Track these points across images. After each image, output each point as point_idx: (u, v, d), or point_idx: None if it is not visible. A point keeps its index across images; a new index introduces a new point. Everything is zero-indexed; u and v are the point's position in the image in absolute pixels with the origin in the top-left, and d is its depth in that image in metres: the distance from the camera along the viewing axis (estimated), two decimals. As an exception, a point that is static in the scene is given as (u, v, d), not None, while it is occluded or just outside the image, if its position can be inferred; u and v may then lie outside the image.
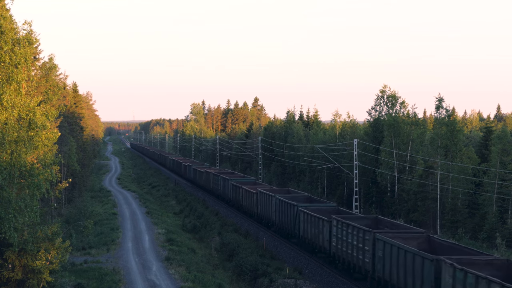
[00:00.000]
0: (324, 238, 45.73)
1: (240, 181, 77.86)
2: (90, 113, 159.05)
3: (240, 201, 72.78)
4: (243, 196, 70.91)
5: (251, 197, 67.29)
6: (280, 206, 56.60)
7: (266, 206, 61.36)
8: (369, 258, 38.47)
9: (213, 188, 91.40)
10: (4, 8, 31.03)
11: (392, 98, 76.82)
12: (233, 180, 78.76)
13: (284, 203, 55.22)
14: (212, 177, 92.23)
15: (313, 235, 48.18)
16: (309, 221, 48.88)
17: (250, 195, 67.97)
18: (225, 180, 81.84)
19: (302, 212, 50.29)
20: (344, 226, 42.10)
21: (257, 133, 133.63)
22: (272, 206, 59.31)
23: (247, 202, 69.63)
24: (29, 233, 31.64)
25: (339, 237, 42.93)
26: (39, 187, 30.51)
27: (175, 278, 41.38)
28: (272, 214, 59.28)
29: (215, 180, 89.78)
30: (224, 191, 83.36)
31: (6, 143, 29.59)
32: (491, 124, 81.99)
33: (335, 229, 43.52)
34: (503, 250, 51.46)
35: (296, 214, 51.83)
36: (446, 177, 62.59)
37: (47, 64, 47.89)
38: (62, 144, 61.06)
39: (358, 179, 72.16)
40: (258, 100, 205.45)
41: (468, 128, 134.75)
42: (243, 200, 71.09)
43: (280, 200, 56.45)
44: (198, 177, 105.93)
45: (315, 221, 47.60)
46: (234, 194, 76.69)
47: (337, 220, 43.36)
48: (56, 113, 33.30)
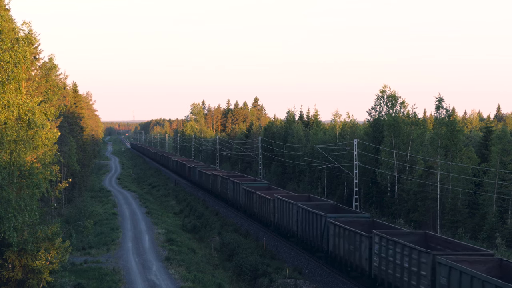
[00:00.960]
0: (362, 257, 39.44)
1: (252, 185, 71.30)
2: (90, 113, 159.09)
3: (254, 208, 66.63)
4: (257, 202, 64.62)
5: (267, 204, 60.93)
6: (303, 216, 50.43)
7: (286, 215, 55.18)
8: (426, 286, 32.07)
9: (221, 193, 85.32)
10: (4, 8, 31.04)
11: (392, 98, 76.83)
12: (244, 184, 72.43)
13: (309, 213, 49.08)
14: (220, 181, 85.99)
15: (347, 252, 41.76)
16: (342, 235, 42.51)
17: (265, 202, 61.57)
18: (236, 184, 75.67)
19: (332, 225, 44.10)
20: (390, 244, 35.73)
21: (257, 133, 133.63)
22: (292, 216, 53.23)
23: (262, 209, 63.25)
24: (29, 233, 31.65)
25: (383, 256, 36.62)
26: (39, 186, 30.52)
27: (175, 278, 41.39)
28: (293, 225, 53.21)
29: (224, 184, 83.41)
30: (234, 196, 77.22)
31: (5, 143, 29.59)
32: (491, 124, 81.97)
33: (377, 246, 37.24)
34: (503, 250, 51.46)
35: (324, 226, 45.87)
36: (446, 177, 62.58)
37: (47, 64, 47.83)
38: (62, 144, 61.05)
39: (358, 179, 72.15)
40: (258, 100, 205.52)
41: (468, 128, 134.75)
42: (257, 207, 64.80)
43: (304, 209, 50.41)
44: (204, 180, 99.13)
45: (350, 235, 41.22)
46: (246, 200, 70.27)
47: (380, 236, 37.06)
48: (55, 112, 33.29)
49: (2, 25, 29.59)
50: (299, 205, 51.71)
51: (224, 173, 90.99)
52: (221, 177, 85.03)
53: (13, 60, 29.55)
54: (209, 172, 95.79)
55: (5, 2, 31.48)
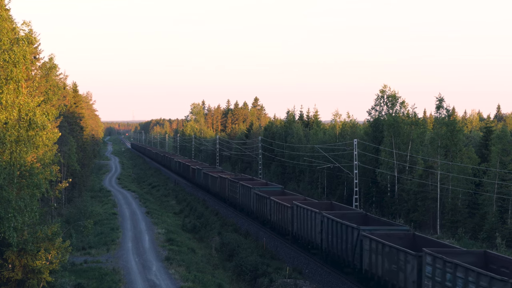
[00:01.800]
0: (408, 279, 33.76)
1: (265, 190, 66.06)
2: (90, 113, 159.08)
3: (267, 214, 61.35)
4: (272, 209, 59.09)
5: (284, 211, 55.36)
6: (329, 227, 45.02)
7: (307, 224, 49.62)
8: None
9: (230, 197, 79.49)
10: (4, 8, 31.03)
11: (392, 98, 76.85)
12: (256, 188, 66.84)
13: (336, 224, 43.66)
14: (228, 184, 79.93)
15: (387, 272, 36.18)
16: (380, 252, 36.80)
17: (282, 209, 55.97)
18: (246, 188, 69.86)
19: (368, 239, 38.42)
20: (449, 266, 30.02)
21: (257, 133, 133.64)
22: (316, 226, 47.74)
23: (277, 217, 57.64)
24: (29, 233, 31.65)
25: (437, 280, 30.81)
26: (39, 186, 30.52)
27: (175, 278, 41.39)
28: (316, 236, 47.73)
29: (232, 187, 77.73)
30: (244, 201, 71.36)
31: (6, 143, 29.59)
32: (491, 124, 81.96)
33: (430, 268, 31.48)
34: (503, 250, 51.44)
35: (356, 240, 40.33)
36: (446, 177, 62.59)
37: (47, 64, 47.83)
38: (62, 144, 61.05)
39: (358, 179, 72.16)
40: (258, 100, 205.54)
41: (468, 128, 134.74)
42: (272, 214, 59.28)
43: (330, 219, 44.84)
44: (210, 183, 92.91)
45: (392, 253, 35.46)
46: (258, 206, 64.69)
47: (434, 256, 31.29)
48: (56, 113, 33.30)
49: (2, 25, 29.59)
50: (323, 215, 46.10)
51: (232, 176, 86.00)
52: (230, 180, 79.38)
53: (12, 60, 29.55)
54: (215, 174, 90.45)
55: (5, 2, 31.47)
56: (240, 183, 73.45)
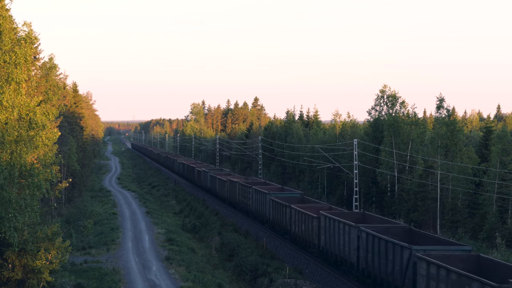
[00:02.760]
0: None
1: (282, 196, 60.30)
2: (90, 113, 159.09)
3: (286, 224, 55.49)
4: (293, 219, 52.95)
5: (309, 222, 49.21)
6: (370, 245, 38.37)
7: (339, 239, 43.20)
8: None
9: (241, 202, 73.61)
10: (4, 8, 31.03)
11: (392, 98, 76.85)
12: (272, 194, 60.96)
13: (381, 242, 37.05)
14: (239, 189, 74.09)
15: None
16: (442, 280, 29.98)
17: (306, 219, 49.75)
18: (261, 194, 64.09)
19: (424, 262, 31.60)
20: None
21: (257, 133, 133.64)
22: (350, 241, 41.44)
23: (299, 228, 51.47)
24: (29, 233, 31.66)
25: None
26: (39, 187, 30.52)
27: (175, 278, 41.40)
28: (351, 253, 41.40)
29: (244, 192, 71.91)
30: (258, 207, 65.34)
31: (6, 143, 29.59)
32: (491, 124, 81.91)
33: None
34: (503, 250, 51.44)
35: (408, 263, 33.93)
36: (446, 177, 62.58)
37: (47, 64, 47.89)
38: (62, 144, 61.05)
39: (358, 179, 72.14)
40: (258, 100, 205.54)
41: (468, 128, 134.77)
42: (293, 224, 53.20)
43: (371, 235, 38.24)
44: (218, 187, 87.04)
45: (461, 282, 28.48)
46: (276, 214, 58.76)
47: None
48: (56, 112, 33.30)
49: (3, 25, 29.59)
50: (361, 229, 39.79)
51: (243, 179, 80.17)
52: (241, 184, 73.36)
53: (13, 61, 29.55)
54: (223, 177, 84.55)
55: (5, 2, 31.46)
56: (253, 188, 67.43)
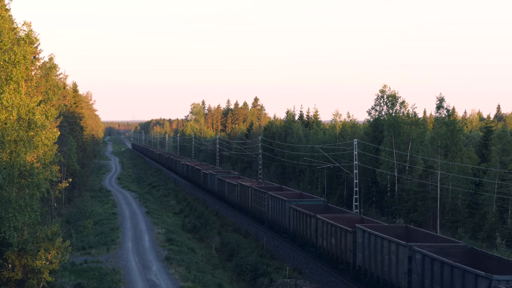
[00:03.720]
0: None
1: (304, 204, 54.08)
2: (90, 113, 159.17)
3: (311, 237, 48.83)
4: (321, 231, 46.39)
5: (342, 237, 42.60)
6: (429, 270, 31.87)
7: (383, 259, 36.58)
8: None
9: (254, 209, 67.74)
10: (4, 8, 31.03)
11: (392, 98, 76.87)
12: (293, 202, 54.96)
13: (443, 267, 30.63)
14: (253, 194, 68.08)
15: None
16: None
17: (338, 233, 43.38)
18: (279, 201, 57.73)
19: None
20: None
21: (257, 133, 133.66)
22: (399, 263, 34.88)
23: (328, 242, 44.93)
24: (29, 233, 31.67)
25: None
26: (39, 186, 30.51)
27: (175, 278, 41.40)
28: (400, 277, 34.81)
29: (258, 198, 65.88)
30: (276, 216, 58.78)
31: (6, 143, 29.59)
32: (491, 124, 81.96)
33: None
34: (503, 250, 51.44)
35: None
36: (446, 177, 62.59)
37: (47, 64, 47.87)
38: (62, 144, 61.06)
39: (358, 179, 72.15)
40: (258, 100, 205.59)
41: (468, 128, 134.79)
42: (321, 237, 46.49)
43: (428, 257, 31.75)
44: (227, 191, 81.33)
45: None
46: (298, 225, 52.30)
47: None
48: (56, 113, 33.31)
49: (2, 25, 29.59)
50: (415, 249, 32.98)
51: (255, 184, 73.58)
52: (255, 189, 67.13)
53: (12, 61, 29.55)
54: (233, 181, 78.89)
55: (5, 2, 31.46)
56: (269, 193, 61.19)
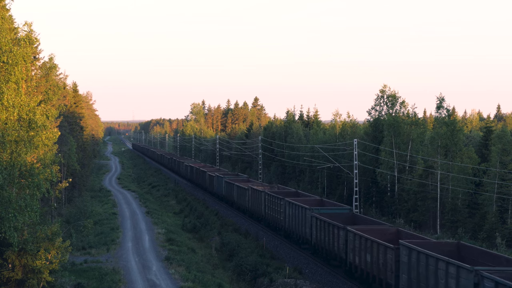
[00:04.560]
0: None
1: (327, 212, 48.30)
2: (90, 113, 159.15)
3: (340, 251, 42.67)
4: (353, 245, 40.16)
5: (380, 254, 36.03)
6: None
7: (437, 283, 29.95)
8: None
9: (268, 216, 61.56)
10: (4, 8, 31.03)
11: (392, 98, 76.86)
12: (315, 210, 48.82)
13: None
14: (266, 199, 61.75)
15: None
16: None
17: (375, 249, 36.78)
18: (299, 209, 51.43)
19: None
20: None
21: (257, 133, 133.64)
22: None
23: (362, 258, 38.54)
24: (29, 233, 31.66)
25: None
26: (39, 186, 30.51)
27: (175, 278, 41.39)
28: None
29: (272, 204, 59.68)
30: (295, 225, 52.64)
31: (6, 143, 29.59)
32: (491, 124, 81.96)
33: None
34: (503, 250, 51.46)
35: None
36: (446, 177, 62.58)
37: (47, 64, 47.88)
38: (62, 144, 61.06)
39: (358, 179, 72.14)
40: (258, 100, 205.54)
41: (468, 128, 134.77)
42: (352, 252, 40.35)
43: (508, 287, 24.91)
44: (236, 195, 75.78)
45: None
46: (322, 236, 46.08)
47: None
48: (56, 113, 33.31)
49: (2, 25, 29.59)
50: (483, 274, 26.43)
51: (268, 188, 67.43)
52: (269, 194, 60.84)
53: (12, 61, 29.55)
54: (244, 185, 73.21)
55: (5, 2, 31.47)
56: (287, 200, 55.23)
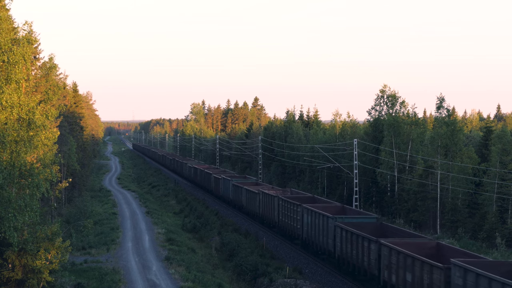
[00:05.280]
0: None
1: (352, 222, 43.67)
2: (90, 113, 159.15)
3: (372, 268, 37.92)
4: (388, 261, 35.39)
5: (424, 273, 31.51)
6: None
7: None
8: None
9: (282, 223, 55.89)
10: (4, 8, 31.04)
11: (392, 98, 76.86)
12: (339, 219, 43.65)
13: None
14: (280, 205, 56.09)
15: None
16: None
17: (417, 267, 32.22)
18: (319, 217, 46.16)
19: None
20: None
21: (257, 133, 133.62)
22: None
23: (401, 278, 33.93)
24: (29, 233, 31.66)
25: None
26: (39, 186, 30.51)
27: (175, 277, 41.39)
28: None
29: (287, 211, 54.01)
30: (315, 235, 47.28)
31: (6, 143, 29.59)
32: (491, 124, 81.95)
33: None
34: (503, 250, 51.45)
35: None
36: (446, 176, 62.58)
37: (47, 64, 47.83)
38: (62, 144, 61.06)
39: (358, 179, 72.14)
40: (258, 100, 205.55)
41: (468, 128, 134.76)
42: (387, 269, 35.67)
43: None
44: (245, 200, 69.98)
45: None
46: (349, 248, 41.34)
47: None
48: (56, 113, 33.30)
49: (2, 25, 29.60)
50: None
51: (280, 192, 62.24)
52: (283, 200, 55.38)
53: (12, 61, 29.55)
54: (254, 188, 67.28)
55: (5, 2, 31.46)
56: (304, 207, 49.65)
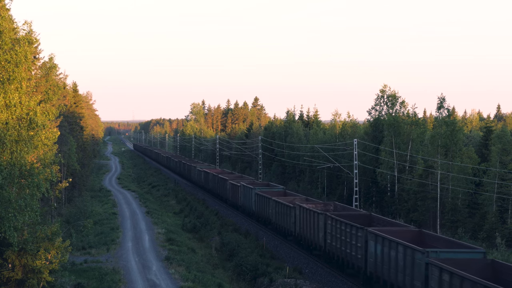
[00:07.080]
0: None
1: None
2: (90, 113, 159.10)
3: None
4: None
5: None
6: None
7: None
8: None
9: (331, 247, 45.45)
10: (4, 8, 31.02)
11: (392, 98, 76.88)
12: (432, 254, 32.44)
13: None
14: (329, 225, 45.63)
15: None
16: None
17: None
18: (404, 250, 34.70)
19: None
20: None
21: (257, 133, 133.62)
22: None
23: None
24: (29, 233, 31.66)
25: None
26: (39, 186, 30.49)
27: (175, 277, 41.40)
28: None
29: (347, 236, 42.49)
30: (393, 273, 35.86)
31: (6, 143, 29.58)
32: (491, 124, 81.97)
33: None
34: (503, 250, 51.46)
35: None
36: (446, 176, 62.58)
37: (47, 63, 47.83)
38: (62, 144, 61.06)
39: (358, 179, 72.13)
40: (258, 100, 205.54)
41: (468, 127, 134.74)
42: None
43: None
44: (274, 213, 59.01)
45: None
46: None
47: None
48: (56, 112, 33.30)
49: (3, 25, 29.59)
50: None
51: (320, 206, 53.01)
52: (334, 219, 44.74)
53: (13, 60, 29.55)
54: (285, 201, 57.04)
55: (5, 2, 31.45)
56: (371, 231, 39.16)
